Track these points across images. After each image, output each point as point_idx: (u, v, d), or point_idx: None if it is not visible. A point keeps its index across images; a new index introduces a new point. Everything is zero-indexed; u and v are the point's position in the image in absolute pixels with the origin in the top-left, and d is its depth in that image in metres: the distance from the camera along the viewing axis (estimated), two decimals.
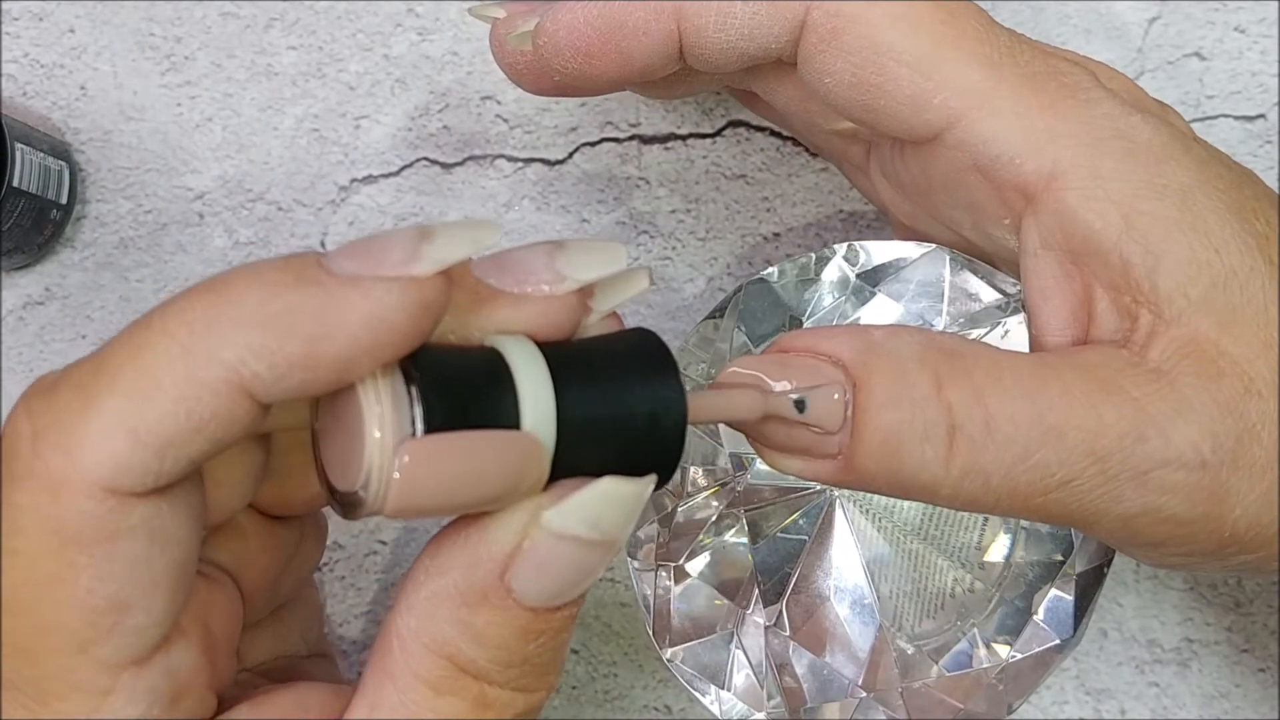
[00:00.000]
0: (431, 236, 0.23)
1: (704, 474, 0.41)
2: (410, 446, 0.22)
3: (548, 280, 0.25)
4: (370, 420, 0.22)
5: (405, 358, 0.23)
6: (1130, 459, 0.26)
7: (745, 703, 0.39)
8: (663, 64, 0.31)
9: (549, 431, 0.24)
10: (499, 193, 0.44)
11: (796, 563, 0.40)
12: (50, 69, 0.45)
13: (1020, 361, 0.27)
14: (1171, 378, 0.26)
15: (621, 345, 0.26)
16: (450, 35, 0.45)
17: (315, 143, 0.45)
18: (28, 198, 0.41)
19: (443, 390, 0.23)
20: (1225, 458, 0.26)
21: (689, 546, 0.40)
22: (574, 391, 0.24)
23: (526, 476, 0.23)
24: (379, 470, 0.22)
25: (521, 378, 0.24)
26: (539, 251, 0.25)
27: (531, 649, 0.25)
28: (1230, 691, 0.41)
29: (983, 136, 0.28)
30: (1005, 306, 0.39)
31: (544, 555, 0.24)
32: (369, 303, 0.22)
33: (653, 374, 0.25)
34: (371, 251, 0.23)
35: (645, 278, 0.27)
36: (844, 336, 0.27)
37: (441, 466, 0.22)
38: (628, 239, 0.44)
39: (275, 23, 0.45)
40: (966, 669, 0.39)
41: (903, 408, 0.26)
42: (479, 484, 0.23)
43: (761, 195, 0.44)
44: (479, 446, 0.23)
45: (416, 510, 0.23)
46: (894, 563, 0.40)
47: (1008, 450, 0.26)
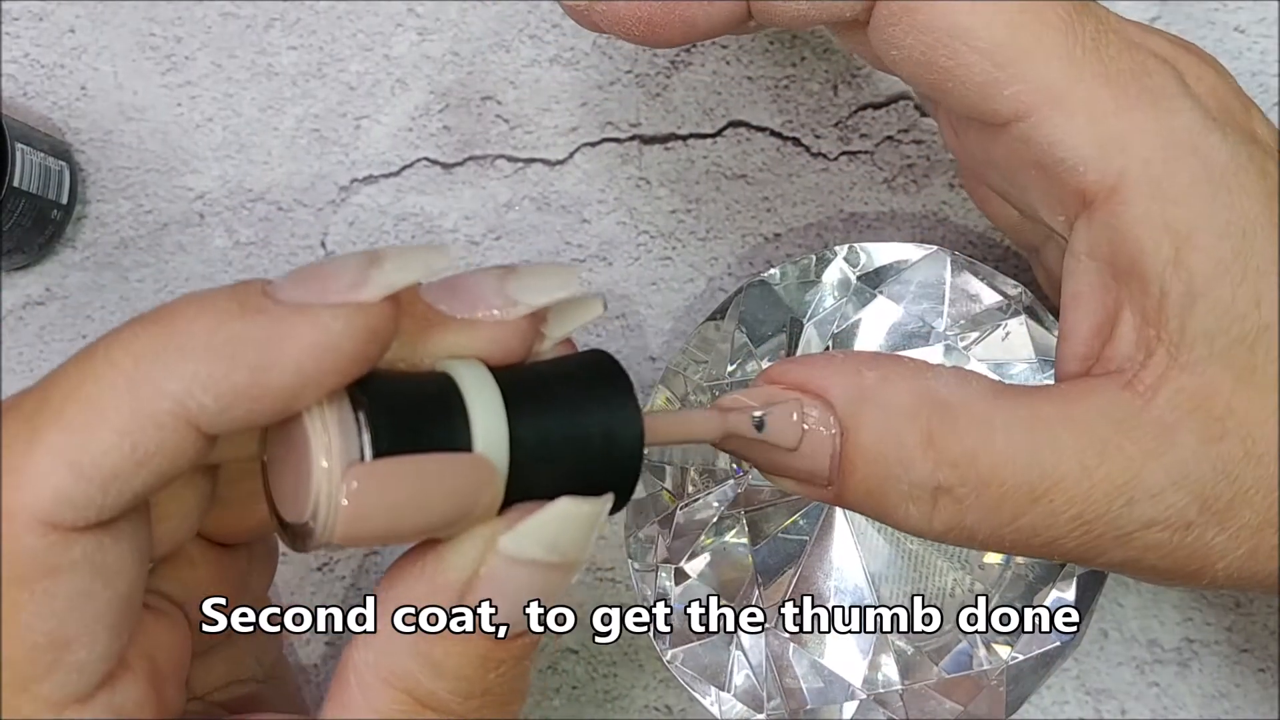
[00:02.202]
0: (380, 261, 0.23)
1: (704, 475, 0.41)
2: (357, 472, 0.22)
3: (498, 305, 0.25)
4: (317, 448, 0.22)
5: (353, 384, 0.23)
6: (1116, 521, 0.25)
7: (745, 704, 0.39)
8: (730, 28, 0.30)
9: (501, 454, 0.23)
10: (499, 193, 0.44)
11: (797, 564, 0.40)
12: (50, 69, 0.45)
13: (1015, 416, 0.26)
14: (1173, 435, 0.25)
15: (575, 366, 0.26)
16: (450, 35, 0.45)
17: (315, 143, 0.45)
18: (28, 198, 0.41)
19: (391, 415, 0.23)
20: (1211, 519, 0.25)
21: (690, 548, 0.40)
22: (527, 413, 0.24)
23: (480, 500, 0.23)
24: (327, 499, 0.22)
25: (473, 400, 0.23)
26: (490, 276, 0.25)
27: (493, 678, 0.25)
28: (1230, 691, 0.42)
29: (1050, 137, 0.26)
30: (1006, 308, 0.39)
31: (502, 581, 0.24)
32: (315, 330, 0.22)
33: (607, 394, 0.25)
34: (318, 277, 0.22)
35: (599, 305, 0.27)
36: (836, 375, 0.27)
37: (391, 492, 0.22)
38: (628, 239, 0.44)
39: (275, 23, 0.45)
40: (967, 670, 0.39)
41: (889, 464, 0.26)
42: (431, 509, 0.22)
43: (761, 195, 0.44)
44: (429, 470, 0.22)
45: (368, 538, 0.22)
46: (894, 564, 0.40)
47: (993, 514, 0.26)
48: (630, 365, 0.44)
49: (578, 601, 0.43)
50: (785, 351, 0.41)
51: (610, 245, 0.44)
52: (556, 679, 0.43)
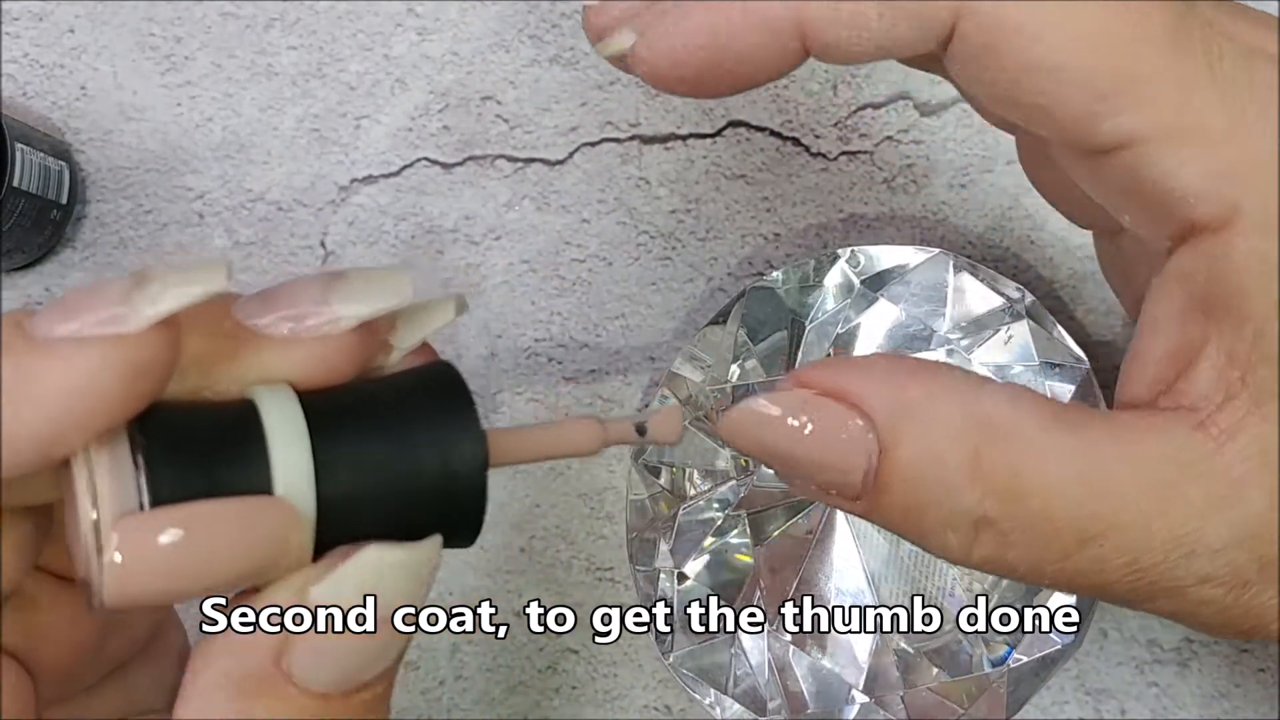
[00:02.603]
0: (144, 283, 0.20)
1: (705, 476, 0.41)
2: (128, 523, 0.19)
3: (318, 316, 0.22)
4: (84, 498, 0.19)
5: (134, 421, 0.20)
6: (1172, 572, 0.23)
7: (746, 706, 0.39)
8: (782, 73, 0.27)
9: (307, 493, 0.20)
10: (499, 193, 0.44)
11: (798, 565, 0.40)
12: (50, 69, 0.45)
13: (1071, 447, 0.23)
14: (1242, 488, 0.23)
15: (409, 384, 0.22)
16: (450, 35, 0.45)
17: (315, 143, 0.45)
18: (28, 198, 0.41)
19: (176, 455, 0.20)
20: (1270, 580, 0.23)
21: (691, 549, 0.40)
22: (340, 445, 0.21)
23: (285, 549, 0.20)
24: (96, 554, 0.19)
25: (273, 433, 0.20)
26: (310, 285, 0.22)
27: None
28: (1230, 691, 0.42)
29: (1159, 169, 0.24)
30: (1007, 311, 0.39)
31: (319, 637, 0.21)
32: (65, 370, 0.19)
33: (442, 415, 0.22)
34: (75, 307, 0.20)
35: (452, 307, 0.24)
36: (877, 385, 0.24)
37: (173, 545, 0.19)
38: (628, 239, 0.44)
39: (275, 23, 0.45)
40: (966, 670, 0.39)
41: (929, 489, 0.24)
42: (226, 561, 0.20)
43: (761, 195, 0.44)
44: (217, 517, 0.19)
45: (149, 597, 0.19)
46: (894, 564, 0.40)
47: (1038, 552, 0.24)
48: (630, 366, 0.44)
49: (577, 601, 0.43)
50: (785, 353, 0.41)
51: (610, 245, 0.44)
52: (556, 679, 0.43)
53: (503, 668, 0.43)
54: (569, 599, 0.43)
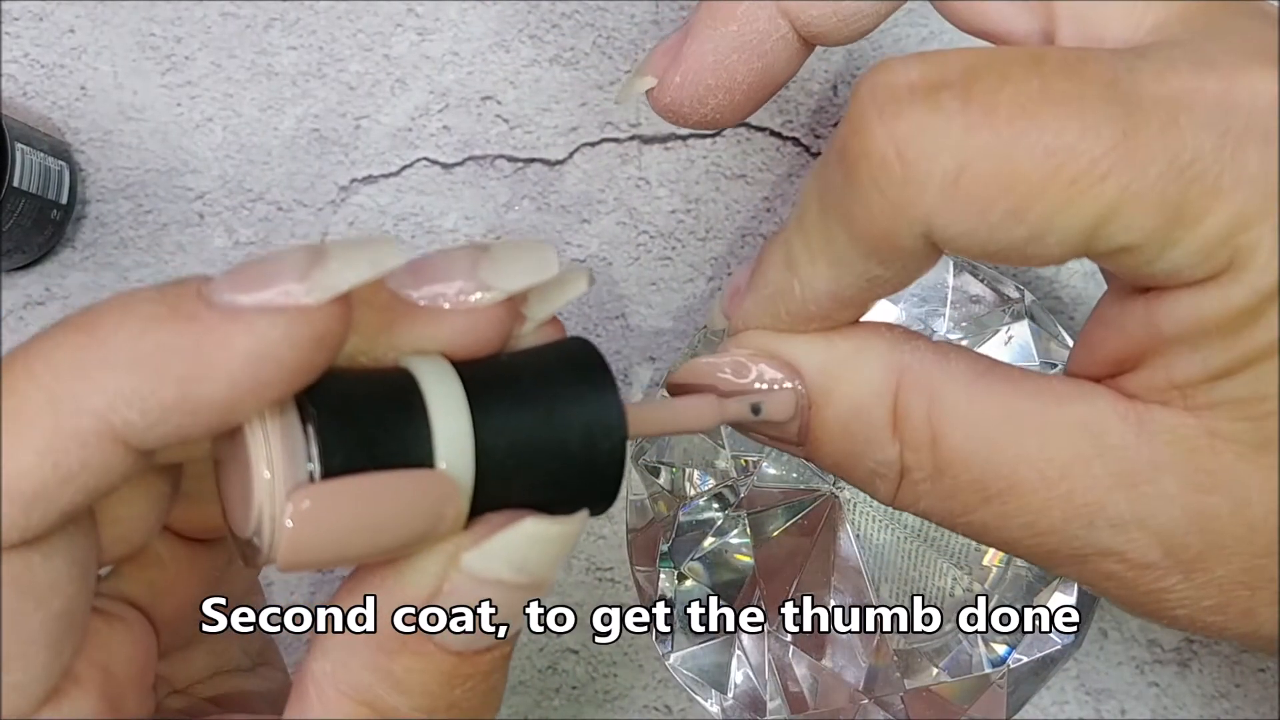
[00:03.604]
0: (324, 259, 0.21)
1: (705, 476, 0.41)
2: (304, 493, 0.20)
3: (469, 291, 0.23)
4: (259, 463, 0.20)
5: (302, 390, 0.21)
6: (1071, 541, 0.24)
7: (746, 706, 0.39)
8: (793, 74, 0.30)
9: (466, 466, 0.21)
10: (499, 193, 0.44)
11: (798, 565, 0.40)
12: (50, 69, 0.45)
13: (986, 408, 0.24)
14: (1154, 472, 0.23)
15: (553, 359, 0.23)
16: (450, 35, 0.45)
17: (315, 143, 0.45)
18: (28, 198, 0.41)
19: (344, 426, 0.21)
20: (1175, 566, 0.23)
21: (691, 548, 0.40)
22: (496, 417, 0.22)
23: (443, 519, 0.21)
24: (270, 519, 0.20)
25: (434, 405, 0.21)
26: (460, 258, 0.23)
27: (458, 694, 0.23)
28: (1230, 691, 0.42)
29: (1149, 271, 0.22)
30: (1008, 310, 0.39)
31: (465, 599, 0.22)
32: (251, 339, 0.20)
33: (587, 391, 0.23)
34: (256, 277, 0.21)
35: (585, 279, 0.25)
36: (806, 344, 0.25)
37: (342, 513, 0.20)
38: (628, 239, 0.44)
39: (275, 23, 0.45)
40: (966, 671, 0.39)
41: (855, 442, 0.25)
42: (388, 530, 0.21)
43: (761, 195, 0.44)
44: (385, 489, 0.20)
45: (316, 563, 0.21)
46: (894, 564, 0.40)
47: (945, 503, 0.25)
48: (630, 366, 0.44)
49: (577, 601, 0.43)
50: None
51: (610, 245, 0.44)
52: (556, 679, 0.43)
53: None
54: (569, 599, 0.43)
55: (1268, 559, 0.23)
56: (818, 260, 0.24)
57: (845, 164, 0.22)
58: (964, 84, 0.21)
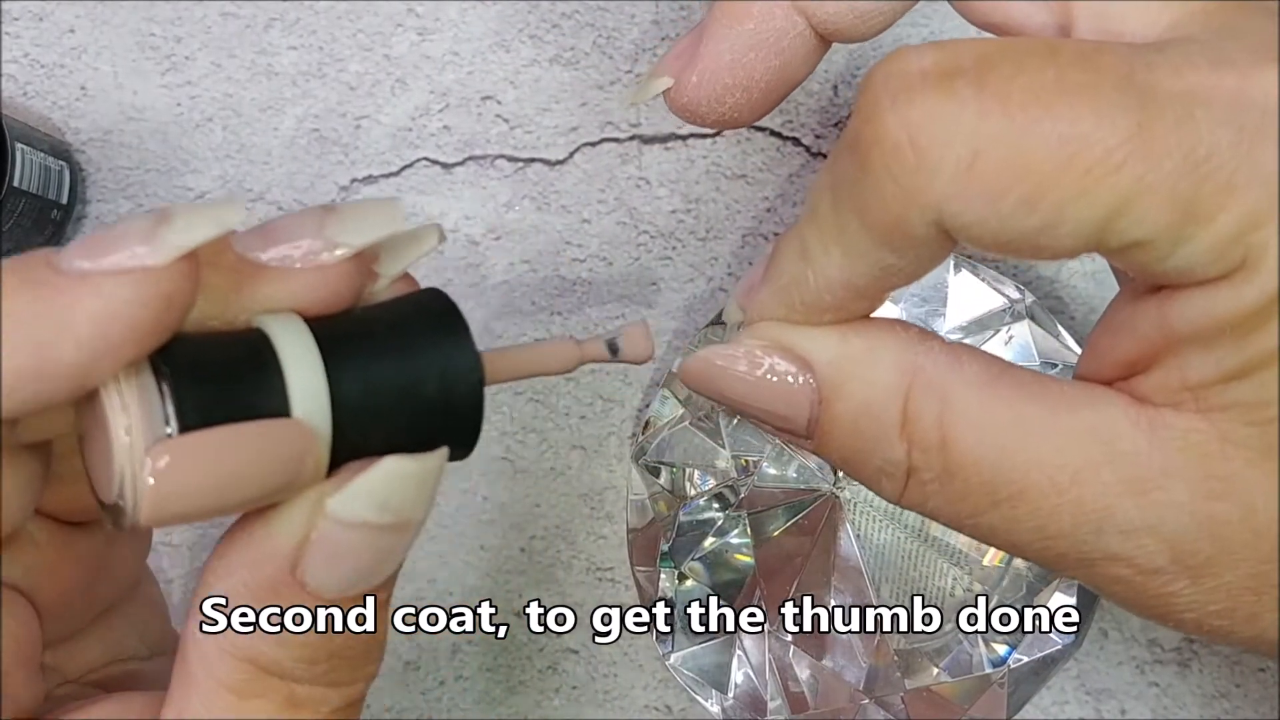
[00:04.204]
0: (169, 219, 0.21)
1: (705, 476, 0.41)
2: (162, 448, 0.20)
3: (316, 249, 0.23)
4: (117, 425, 0.21)
5: (156, 352, 0.21)
6: (1079, 546, 0.24)
7: (746, 706, 0.39)
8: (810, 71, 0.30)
9: (323, 415, 0.22)
10: (499, 193, 0.44)
11: (798, 565, 0.40)
12: (50, 69, 0.45)
13: (997, 412, 0.24)
14: (1164, 479, 0.23)
15: (407, 310, 0.24)
16: (450, 35, 0.45)
17: (315, 143, 0.45)
18: (28, 198, 0.41)
19: (198, 383, 0.21)
20: (1183, 571, 0.23)
21: (691, 548, 0.40)
22: (350, 367, 0.22)
23: (303, 466, 0.22)
24: (132, 478, 0.21)
25: (287, 359, 0.22)
26: (306, 218, 0.23)
27: (338, 643, 0.23)
28: (1230, 691, 0.42)
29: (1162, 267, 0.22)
30: (1008, 311, 0.39)
31: (334, 545, 0.22)
32: (99, 300, 0.20)
33: (440, 337, 0.23)
34: (104, 242, 0.21)
35: (434, 234, 0.25)
36: (820, 339, 0.25)
37: (201, 467, 0.21)
38: (628, 239, 0.44)
39: (275, 23, 0.45)
40: (967, 670, 0.39)
41: (864, 439, 0.25)
42: (249, 481, 0.21)
43: (761, 195, 0.44)
44: (242, 440, 0.21)
45: (181, 516, 0.21)
46: (894, 564, 0.40)
47: (954, 505, 0.25)
48: (630, 365, 0.44)
49: (577, 601, 0.43)
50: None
51: (610, 245, 0.44)
52: (556, 679, 0.43)
53: (503, 668, 0.43)
54: (569, 599, 0.43)
55: (1272, 564, 0.23)
56: (831, 249, 0.24)
57: (858, 151, 0.22)
58: (978, 71, 0.21)
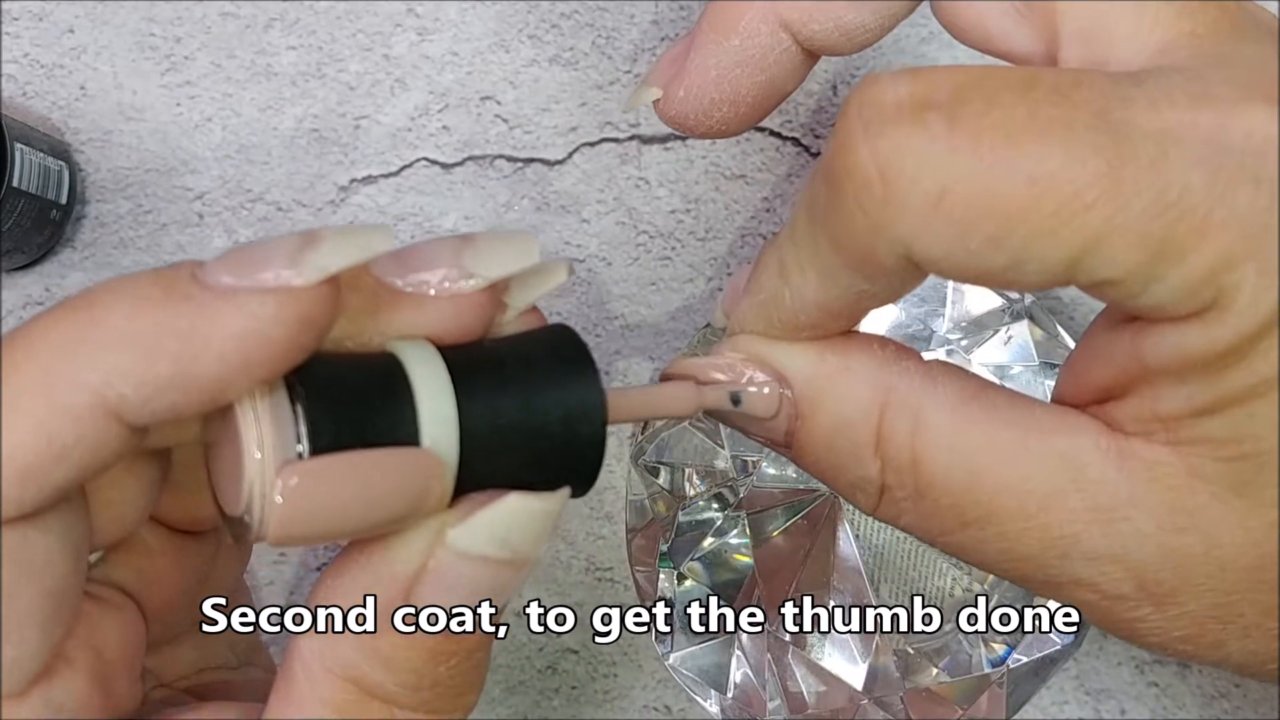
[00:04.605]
0: (316, 243, 0.21)
1: (704, 477, 0.41)
2: (293, 469, 0.21)
3: (453, 278, 0.23)
4: (249, 441, 0.21)
5: (292, 371, 0.21)
6: (1046, 569, 0.24)
7: (746, 706, 0.39)
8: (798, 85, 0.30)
9: (451, 445, 0.22)
10: (499, 193, 0.44)
11: (798, 565, 0.40)
12: (50, 69, 0.45)
13: (966, 434, 0.24)
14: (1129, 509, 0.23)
15: (535, 345, 0.24)
16: (450, 35, 0.45)
17: (315, 143, 0.45)
18: (28, 198, 0.41)
19: (331, 405, 0.21)
20: (1146, 599, 0.23)
21: (690, 548, 0.40)
22: (480, 399, 0.22)
23: (428, 496, 0.22)
24: (260, 496, 0.21)
25: (420, 387, 0.22)
26: (444, 247, 0.24)
27: (443, 671, 0.24)
28: (1230, 691, 0.42)
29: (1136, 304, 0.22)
30: (1007, 311, 0.39)
31: (451, 576, 0.23)
32: (242, 318, 0.21)
33: (568, 376, 0.24)
34: (249, 260, 0.21)
35: (564, 270, 0.25)
36: (798, 356, 0.26)
37: (330, 490, 0.21)
38: (627, 239, 0.44)
39: (275, 23, 0.45)
40: (966, 671, 0.39)
41: (839, 455, 0.25)
42: (375, 506, 0.21)
43: (761, 195, 0.44)
44: (372, 466, 0.21)
45: (305, 538, 0.21)
46: (894, 564, 0.40)
47: (925, 523, 0.25)
48: (629, 366, 0.44)
49: (577, 601, 0.43)
50: None
51: (610, 245, 0.44)
52: (556, 679, 0.43)
53: (503, 668, 0.43)
54: (569, 599, 0.43)
55: (1237, 596, 0.23)
56: (807, 270, 0.24)
57: (830, 180, 0.22)
58: (950, 105, 0.21)
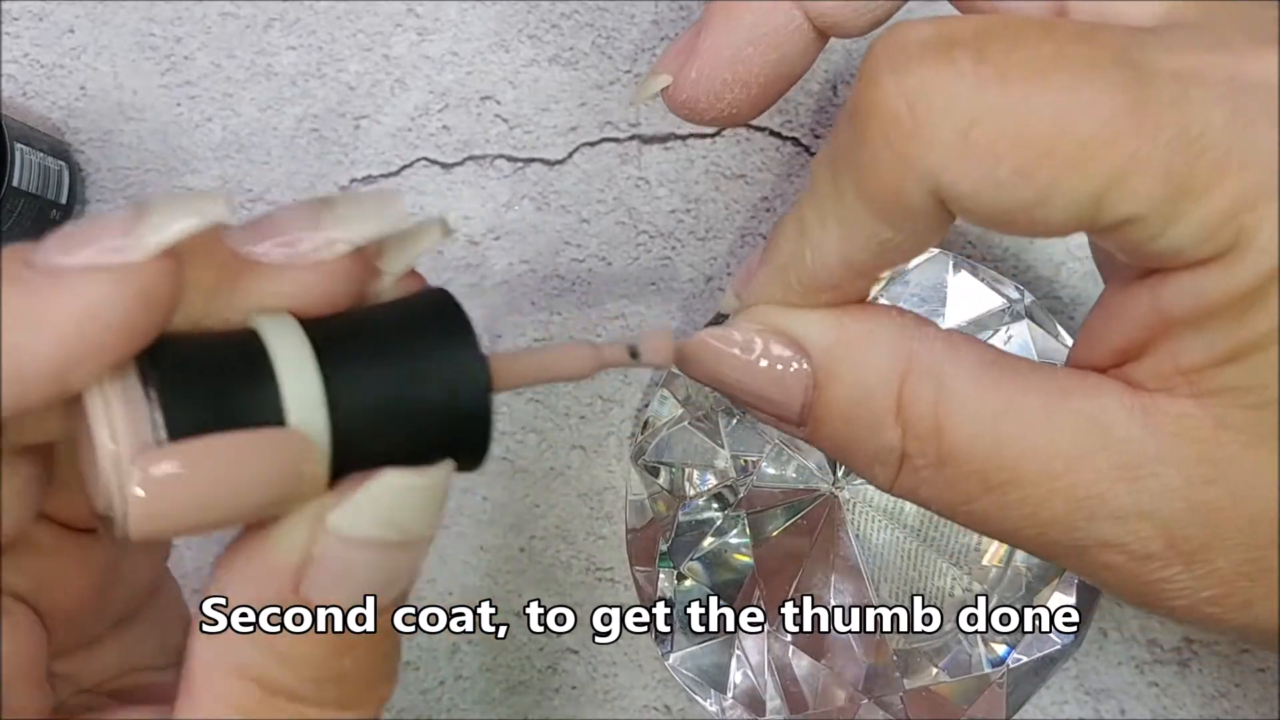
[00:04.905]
0: (146, 213, 0.20)
1: (704, 476, 0.41)
2: (149, 458, 0.19)
3: (313, 245, 0.22)
4: (100, 432, 0.19)
5: (143, 353, 0.20)
6: (1073, 533, 0.24)
7: (746, 706, 0.39)
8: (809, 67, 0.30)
9: (319, 422, 0.20)
10: (499, 193, 0.44)
11: (798, 565, 0.40)
12: (50, 69, 0.45)
13: (990, 398, 0.24)
14: (1157, 464, 0.23)
15: (409, 311, 0.22)
16: (450, 35, 0.45)
17: (315, 143, 0.45)
18: (28, 198, 0.41)
19: (188, 387, 0.20)
20: (1176, 557, 0.23)
21: (690, 549, 0.40)
22: (348, 372, 0.21)
23: (301, 478, 0.20)
24: (119, 490, 0.19)
25: (280, 363, 0.20)
26: (301, 211, 0.22)
27: (348, 665, 0.22)
28: (1230, 691, 0.42)
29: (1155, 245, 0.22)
30: (1007, 310, 0.39)
31: (338, 563, 0.21)
32: (74, 299, 0.19)
33: (443, 340, 0.22)
34: (80, 238, 0.20)
35: (438, 230, 0.23)
36: (816, 324, 0.25)
37: (191, 476, 0.19)
38: (627, 239, 0.44)
39: (275, 23, 0.45)
40: (966, 670, 0.39)
41: (858, 425, 0.25)
42: (242, 493, 0.20)
43: (761, 195, 0.44)
44: (235, 449, 0.20)
45: (172, 530, 0.20)
46: (894, 564, 0.40)
47: (946, 492, 0.24)
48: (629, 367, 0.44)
49: (577, 601, 0.43)
50: None
51: (610, 245, 0.44)
52: (556, 679, 0.43)
53: (503, 668, 0.43)
54: (569, 599, 0.43)
55: (1267, 550, 0.23)
56: (829, 223, 0.23)
57: (856, 119, 0.22)
58: (977, 43, 0.21)
